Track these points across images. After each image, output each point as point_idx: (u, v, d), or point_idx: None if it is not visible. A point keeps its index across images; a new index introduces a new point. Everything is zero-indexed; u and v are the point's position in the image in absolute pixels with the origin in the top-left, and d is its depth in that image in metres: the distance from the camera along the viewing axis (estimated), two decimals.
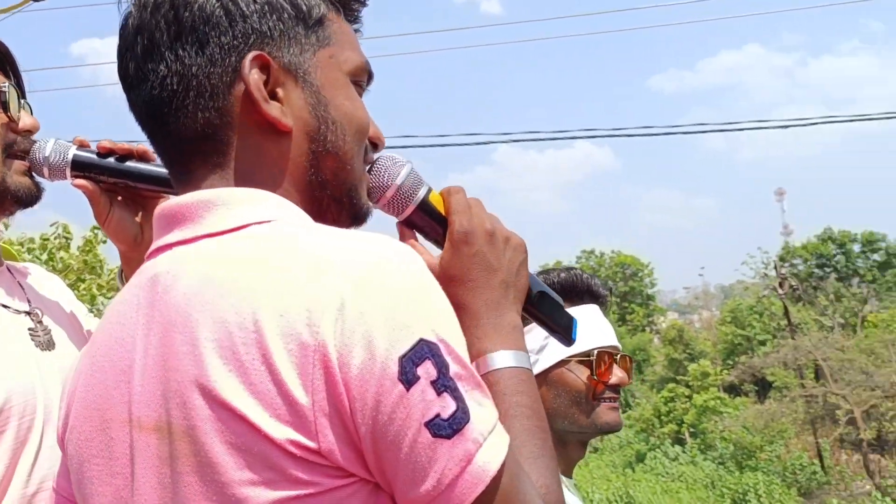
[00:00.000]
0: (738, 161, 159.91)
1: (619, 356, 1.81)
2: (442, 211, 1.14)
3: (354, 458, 0.84)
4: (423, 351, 0.84)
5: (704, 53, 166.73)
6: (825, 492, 20.94)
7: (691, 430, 27.83)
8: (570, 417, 1.75)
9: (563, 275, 1.86)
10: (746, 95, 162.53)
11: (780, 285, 24.72)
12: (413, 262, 0.90)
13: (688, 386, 30.59)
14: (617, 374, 1.78)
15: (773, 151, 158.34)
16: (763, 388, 32.12)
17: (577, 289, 1.85)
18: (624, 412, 38.32)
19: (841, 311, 37.03)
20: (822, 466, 22.52)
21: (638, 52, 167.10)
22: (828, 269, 44.00)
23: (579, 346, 1.68)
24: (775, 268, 26.16)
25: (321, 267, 0.86)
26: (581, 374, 1.75)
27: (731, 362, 37.10)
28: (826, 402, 21.42)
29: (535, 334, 1.72)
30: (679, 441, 27.77)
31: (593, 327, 1.79)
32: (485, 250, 1.10)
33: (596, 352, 1.77)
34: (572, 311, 1.71)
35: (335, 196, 1.06)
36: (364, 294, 0.84)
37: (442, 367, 0.84)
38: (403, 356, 0.82)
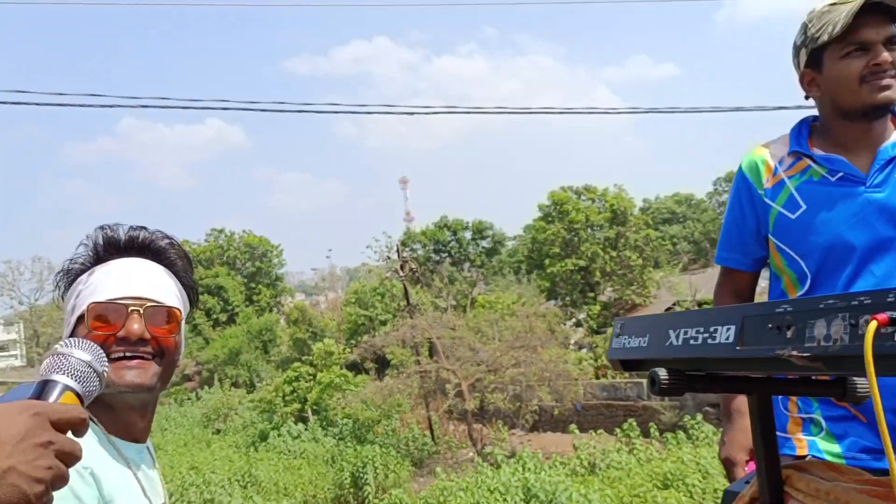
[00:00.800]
0: (366, 148, 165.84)
1: (145, 307, 1.59)
2: None
3: None
4: None
5: (337, 41, 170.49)
6: (435, 461, 22.50)
7: (314, 407, 28.44)
8: None
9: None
10: (375, 85, 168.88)
11: (402, 268, 26.08)
12: None
13: (312, 365, 31.21)
14: (128, 328, 1.55)
15: (399, 141, 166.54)
16: (383, 365, 33.77)
17: (105, 244, 1.67)
18: (249, 391, 38.29)
19: (454, 293, 39.99)
20: (433, 437, 24.17)
21: (274, 32, 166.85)
22: (443, 254, 47.13)
23: (94, 298, 1.58)
24: (398, 251, 27.57)
25: None
26: (89, 330, 1.56)
27: (354, 341, 38.48)
28: (438, 377, 23.02)
29: (71, 298, 1.63)
30: (303, 419, 28.27)
31: (111, 280, 1.61)
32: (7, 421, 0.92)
33: (95, 304, 1.58)
34: (90, 273, 1.64)
35: None
36: None
37: None
38: None
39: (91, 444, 1.50)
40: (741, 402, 2.28)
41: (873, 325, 0.99)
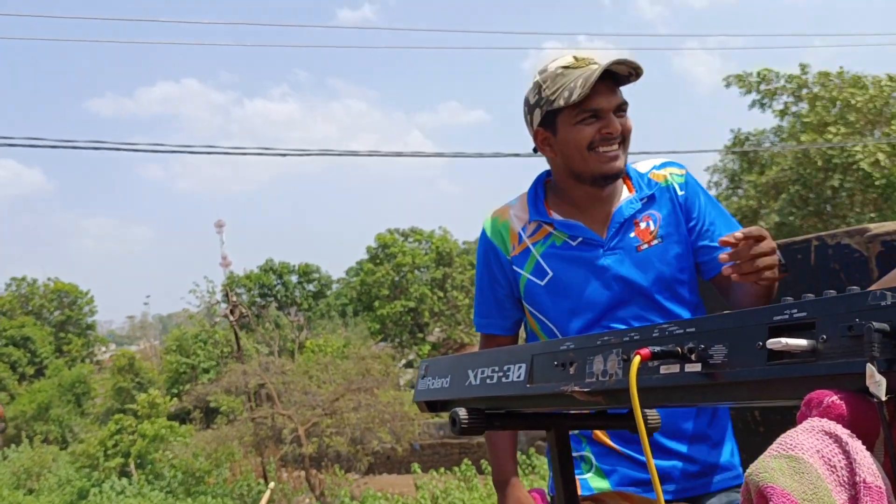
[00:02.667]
0: (176, 192, 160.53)
1: None
2: None
3: None
4: None
5: (143, 81, 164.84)
6: None
7: (139, 461, 27.27)
8: None
9: None
10: (185, 128, 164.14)
11: (232, 312, 25.55)
12: None
13: (135, 416, 29.96)
14: None
15: (211, 185, 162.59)
16: (208, 414, 32.83)
17: None
18: (62, 448, 36.12)
19: (279, 337, 39.44)
20: (267, 485, 23.70)
21: (76, 71, 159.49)
22: (269, 299, 46.40)
23: None
24: (226, 296, 26.99)
25: None
26: None
27: (175, 390, 37.17)
28: (274, 424, 22.63)
29: None
30: (125, 474, 27.02)
31: None
32: None
33: None
34: None
35: None
36: None
37: None
38: None
39: None
40: (511, 470, 2.35)
41: (637, 359, 1.07)
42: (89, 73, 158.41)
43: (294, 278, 47.17)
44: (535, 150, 2.35)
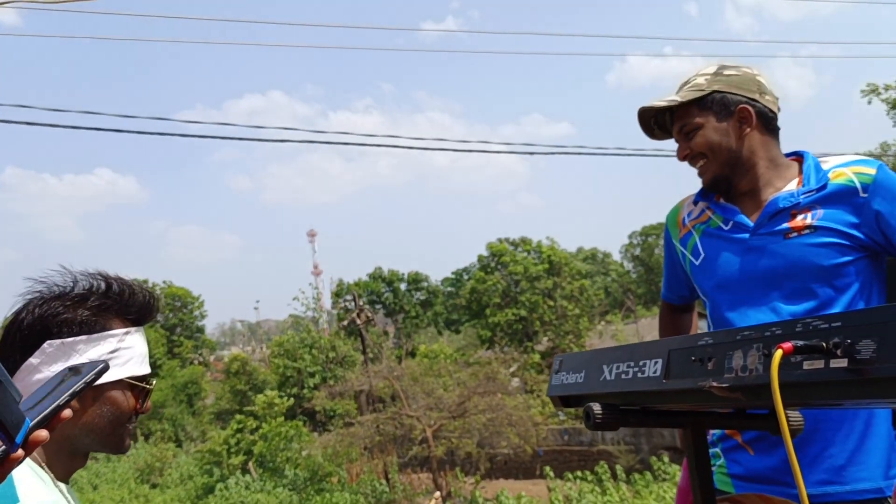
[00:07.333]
0: (263, 202, 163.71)
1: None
2: None
3: None
4: None
5: (230, 94, 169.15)
6: None
7: (260, 458, 28.03)
8: (104, 436, 1.60)
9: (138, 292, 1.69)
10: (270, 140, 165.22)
11: (358, 316, 26.11)
12: None
13: (254, 416, 30.82)
14: (147, 405, 1.67)
15: (297, 195, 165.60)
16: (310, 416, 33.69)
17: (140, 307, 1.68)
18: (178, 445, 37.38)
19: (389, 343, 40.04)
20: (389, 484, 24.12)
21: (167, 84, 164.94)
22: (378, 306, 47.14)
23: (136, 369, 1.62)
24: (354, 299, 27.61)
25: None
26: (129, 398, 1.62)
27: (283, 393, 38.10)
28: (401, 424, 23.01)
29: (104, 345, 1.60)
30: (244, 471, 27.78)
31: (142, 353, 1.66)
32: None
33: (148, 378, 1.66)
34: (126, 332, 1.63)
35: None
36: None
37: None
38: None
39: (43, 487, 1.50)
40: None
41: (779, 353, 1.04)
42: (179, 86, 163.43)
43: (403, 286, 47.70)
44: None
